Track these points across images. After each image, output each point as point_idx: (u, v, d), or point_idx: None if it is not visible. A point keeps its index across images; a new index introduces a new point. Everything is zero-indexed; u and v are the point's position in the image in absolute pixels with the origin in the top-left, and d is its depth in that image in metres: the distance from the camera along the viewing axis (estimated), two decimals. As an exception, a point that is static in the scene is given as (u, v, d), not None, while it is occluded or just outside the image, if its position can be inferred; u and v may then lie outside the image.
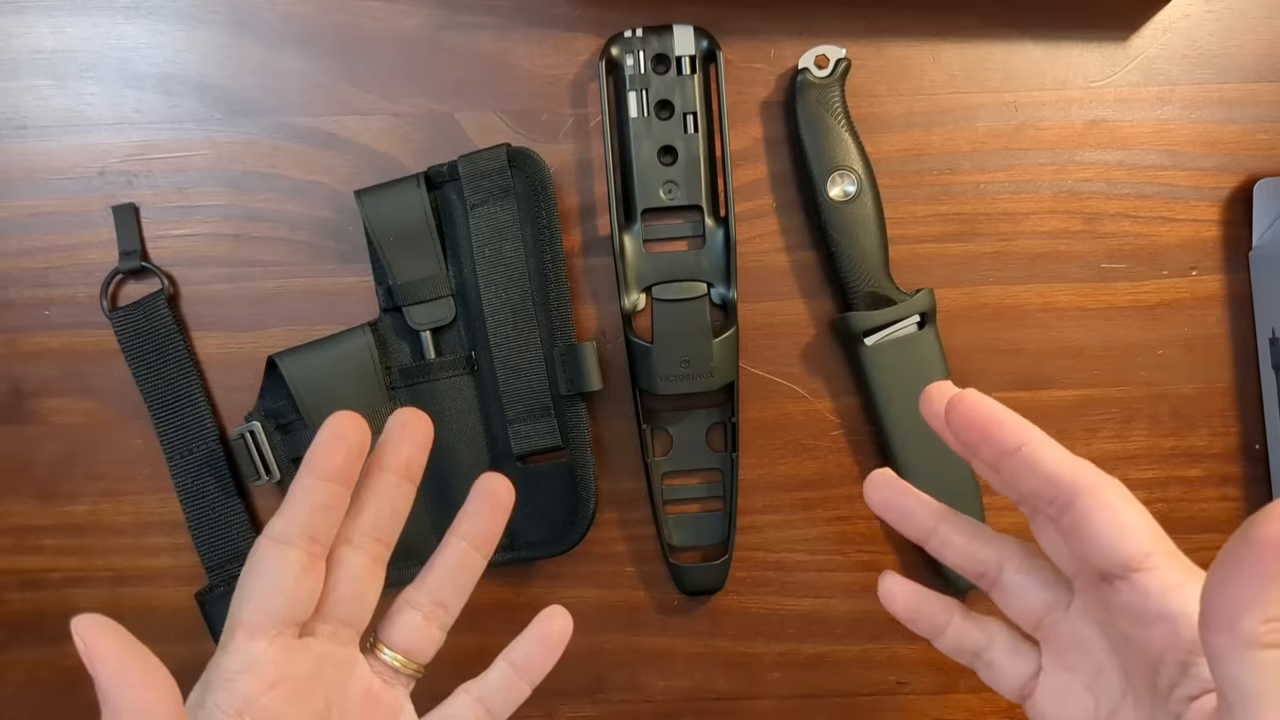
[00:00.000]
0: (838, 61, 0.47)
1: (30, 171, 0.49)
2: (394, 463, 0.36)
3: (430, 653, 0.38)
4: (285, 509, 0.34)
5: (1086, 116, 0.49)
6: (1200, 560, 0.49)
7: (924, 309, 0.47)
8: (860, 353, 0.48)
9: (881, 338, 0.47)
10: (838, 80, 0.47)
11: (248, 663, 0.33)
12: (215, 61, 0.49)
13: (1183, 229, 0.49)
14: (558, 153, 0.49)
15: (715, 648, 0.50)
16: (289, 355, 0.47)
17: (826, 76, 0.47)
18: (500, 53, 0.49)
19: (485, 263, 0.47)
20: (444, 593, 0.38)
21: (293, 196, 0.49)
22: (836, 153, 0.47)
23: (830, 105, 0.47)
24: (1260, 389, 0.49)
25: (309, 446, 0.34)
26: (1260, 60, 0.49)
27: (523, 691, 0.38)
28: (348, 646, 0.36)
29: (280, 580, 0.33)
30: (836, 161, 0.47)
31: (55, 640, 0.50)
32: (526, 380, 0.47)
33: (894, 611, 0.37)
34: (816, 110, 0.47)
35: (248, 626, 0.33)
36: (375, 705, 0.36)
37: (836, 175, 0.47)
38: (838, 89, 0.47)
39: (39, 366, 0.50)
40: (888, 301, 0.47)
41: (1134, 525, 0.29)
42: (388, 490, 0.36)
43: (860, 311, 0.47)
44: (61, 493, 0.50)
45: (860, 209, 0.47)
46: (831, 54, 0.47)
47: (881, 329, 0.47)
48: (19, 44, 0.49)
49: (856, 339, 0.47)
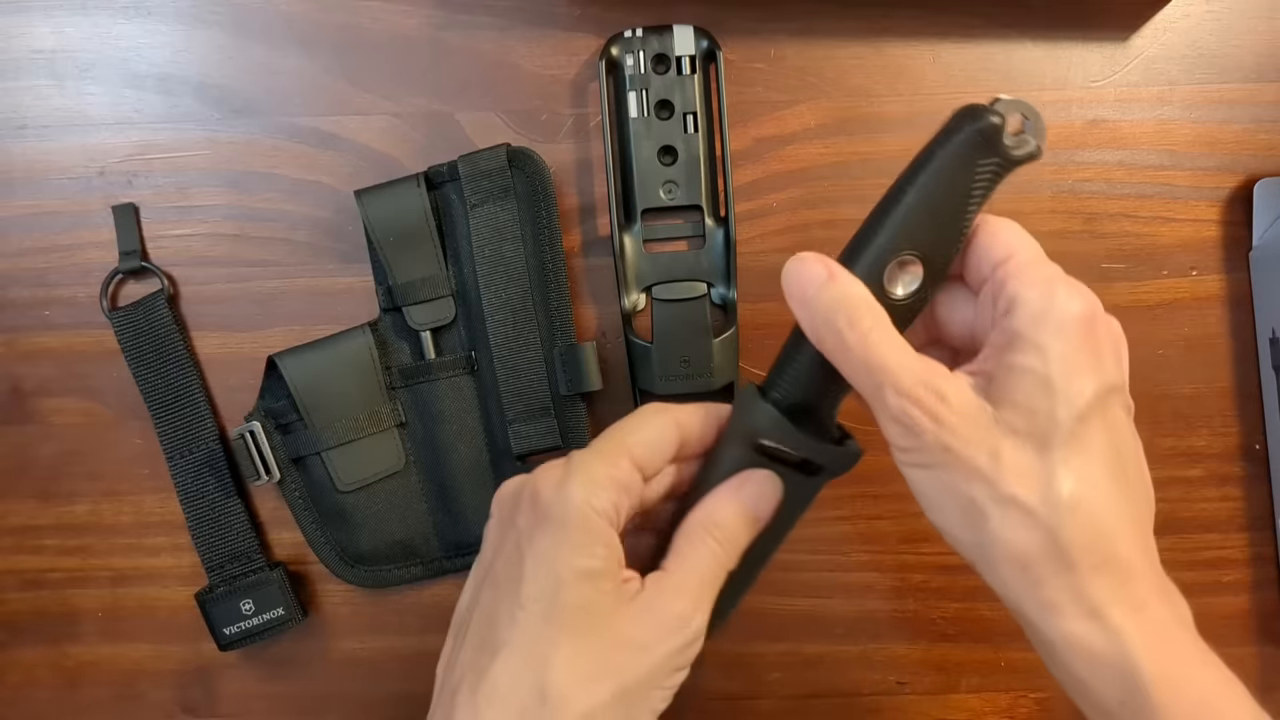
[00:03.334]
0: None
1: (30, 171, 0.49)
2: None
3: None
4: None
5: (1086, 116, 0.49)
6: (1201, 560, 0.49)
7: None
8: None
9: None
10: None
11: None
12: (215, 61, 0.49)
13: (1183, 229, 0.49)
14: (558, 153, 0.49)
15: (715, 648, 0.50)
16: (289, 355, 0.47)
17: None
18: (500, 53, 0.49)
19: (485, 263, 0.47)
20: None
21: (293, 196, 0.49)
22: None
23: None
24: (1260, 389, 0.49)
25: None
26: (1260, 60, 0.49)
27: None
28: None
29: (664, 442, 0.34)
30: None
31: (55, 640, 0.50)
32: (526, 380, 0.47)
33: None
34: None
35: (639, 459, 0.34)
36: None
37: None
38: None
39: (39, 366, 0.50)
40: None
41: (1003, 231, 0.33)
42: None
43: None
44: (61, 493, 0.50)
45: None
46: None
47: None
48: (19, 44, 0.49)
49: None
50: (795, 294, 0.32)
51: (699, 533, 0.34)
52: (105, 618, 0.50)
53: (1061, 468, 0.30)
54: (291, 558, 0.50)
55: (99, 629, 0.50)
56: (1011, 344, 0.31)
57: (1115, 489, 0.31)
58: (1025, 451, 0.30)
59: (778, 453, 0.35)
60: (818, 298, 0.32)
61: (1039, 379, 0.30)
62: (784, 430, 0.34)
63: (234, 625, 0.48)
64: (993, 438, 0.31)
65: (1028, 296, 0.31)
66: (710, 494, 0.34)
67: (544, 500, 0.32)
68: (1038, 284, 0.31)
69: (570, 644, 0.30)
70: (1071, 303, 0.31)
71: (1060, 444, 0.30)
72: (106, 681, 0.50)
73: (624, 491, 0.33)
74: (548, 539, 0.31)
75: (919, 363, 0.31)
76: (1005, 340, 0.31)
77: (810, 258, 0.32)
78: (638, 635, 0.31)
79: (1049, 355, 0.30)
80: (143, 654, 0.50)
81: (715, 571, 0.34)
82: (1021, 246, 0.33)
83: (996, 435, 0.31)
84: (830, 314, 0.32)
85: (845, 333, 0.31)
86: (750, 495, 0.34)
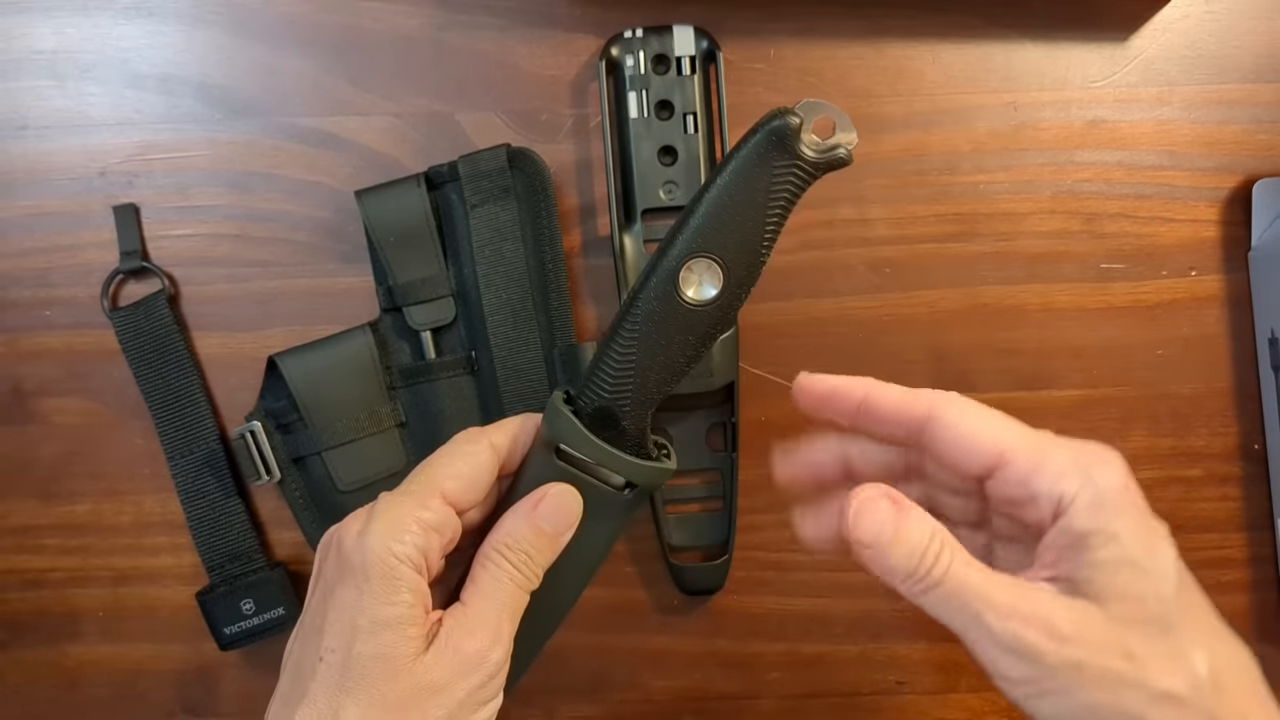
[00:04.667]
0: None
1: (31, 172, 0.49)
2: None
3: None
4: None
5: (1086, 117, 0.49)
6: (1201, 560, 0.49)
7: None
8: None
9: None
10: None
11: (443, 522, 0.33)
12: (216, 62, 0.49)
13: (1182, 229, 0.49)
14: (558, 153, 0.49)
15: (715, 648, 0.50)
16: (289, 355, 0.47)
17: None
18: (500, 53, 0.49)
19: (485, 263, 0.47)
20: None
21: (293, 196, 0.49)
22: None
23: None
24: (1259, 389, 0.49)
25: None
26: (1259, 60, 0.49)
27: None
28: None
29: (479, 471, 0.34)
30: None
31: (55, 640, 0.50)
32: (526, 380, 0.48)
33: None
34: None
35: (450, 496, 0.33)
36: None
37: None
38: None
39: (40, 366, 0.50)
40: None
41: (978, 432, 0.31)
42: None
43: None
44: (62, 492, 0.50)
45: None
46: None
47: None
48: (20, 44, 0.49)
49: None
50: (868, 540, 0.31)
51: (494, 557, 0.33)
52: (106, 617, 0.50)
53: (1190, 646, 0.29)
54: (292, 558, 0.50)
55: (100, 629, 0.50)
56: (1082, 542, 0.30)
57: (1230, 646, 0.30)
58: (1155, 641, 0.29)
59: (582, 464, 0.34)
60: (894, 544, 0.31)
61: (1129, 564, 0.29)
62: (582, 439, 0.33)
63: (234, 625, 0.48)
64: (1119, 638, 0.29)
65: (1070, 490, 0.30)
66: (505, 515, 0.34)
67: (345, 549, 0.32)
68: (1070, 472, 0.30)
69: (364, 694, 0.30)
70: (1109, 475, 0.30)
71: (1179, 620, 0.29)
72: (107, 681, 0.50)
73: (433, 532, 0.32)
74: (348, 589, 0.31)
75: (1012, 584, 0.30)
76: (1071, 540, 0.30)
77: (874, 498, 0.31)
78: (435, 678, 0.31)
79: (1124, 540, 0.29)
80: (143, 654, 0.50)
81: (515, 596, 0.33)
82: (1004, 435, 0.31)
83: (1120, 634, 0.29)
84: (910, 558, 0.30)
85: (933, 571, 0.30)
86: (546, 512, 0.33)
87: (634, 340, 0.33)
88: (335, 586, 0.31)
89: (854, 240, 0.49)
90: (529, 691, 0.50)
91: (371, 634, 0.30)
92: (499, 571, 0.33)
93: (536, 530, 0.33)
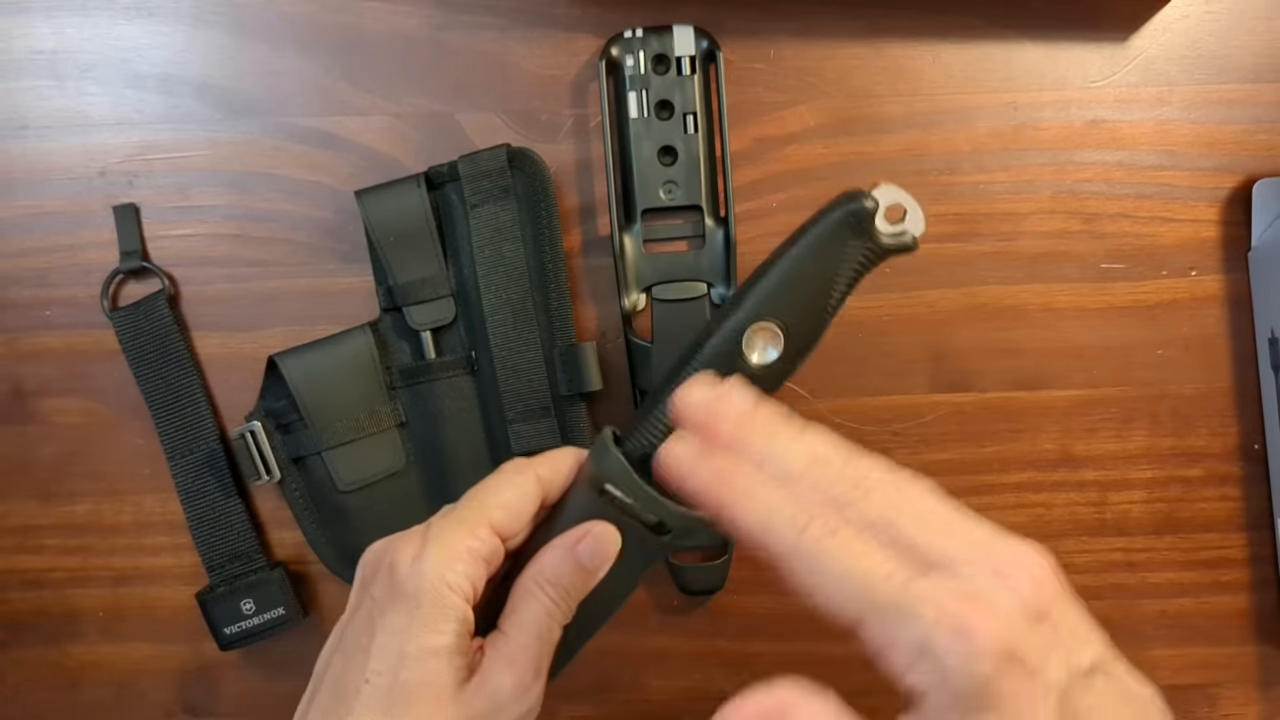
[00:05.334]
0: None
1: (31, 172, 0.49)
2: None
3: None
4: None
5: (1086, 117, 0.49)
6: (1201, 560, 0.49)
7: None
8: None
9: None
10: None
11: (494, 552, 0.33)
12: (216, 62, 0.49)
13: (1182, 229, 0.49)
14: (558, 153, 0.49)
15: (715, 648, 0.50)
16: (289, 355, 0.47)
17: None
18: (500, 53, 0.49)
19: (485, 263, 0.47)
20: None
21: (293, 196, 0.49)
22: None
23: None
24: (1259, 389, 0.49)
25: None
26: (1259, 61, 0.49)
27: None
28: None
29: (525, 502, 0.35)
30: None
31: (55, 640, 0.50)
32: (526, 380, 0.48)
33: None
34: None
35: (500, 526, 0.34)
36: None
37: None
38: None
39: (40, 366, 0.50)
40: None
41: (834, 585, 0.27)
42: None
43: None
44: (62, 493, 0.50)
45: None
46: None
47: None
48: (20, 44, 0.49)
49: None
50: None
51: (535, 591, 0.34)
52: (106, 617, 0.50)
53: None
54: (292, 558, 0.50)
55: (100, 629, 0.50)
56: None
57: None
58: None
59: (624, 505, 0.34)
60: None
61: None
62: (629, 482, 0.34)
63: (235, 625, 0.48)
64: None
65: (919, 684, 0.26)
66: (545, 548, 0.34)
67: (399, 574, 0.32)
68: (920, 659, 0.26)
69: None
70: (971, 659, 0.25)
71: None
72: (107, 681, 0.50)
73: (482, 562, 0.33)
74: (399, 615, 0.31)
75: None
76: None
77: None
78: (477, 709, 0.31)
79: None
80: (144, 654, 0.50)
81: (551, 629, 0.34)
82: (860, 594, 0.27)
83: None
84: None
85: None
86: (588, 550, 0.34)
87: None
88: (386, 609, 0.32)
89: (854, 240, 0.49)
90: (529, 691, 0.50)
91: (419, 661, 0.31)
92: (538, 605, 0.33)
93: (576, 566, 0.34)
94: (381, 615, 0.32)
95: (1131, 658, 0.29)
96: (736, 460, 0.29)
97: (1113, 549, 0.50)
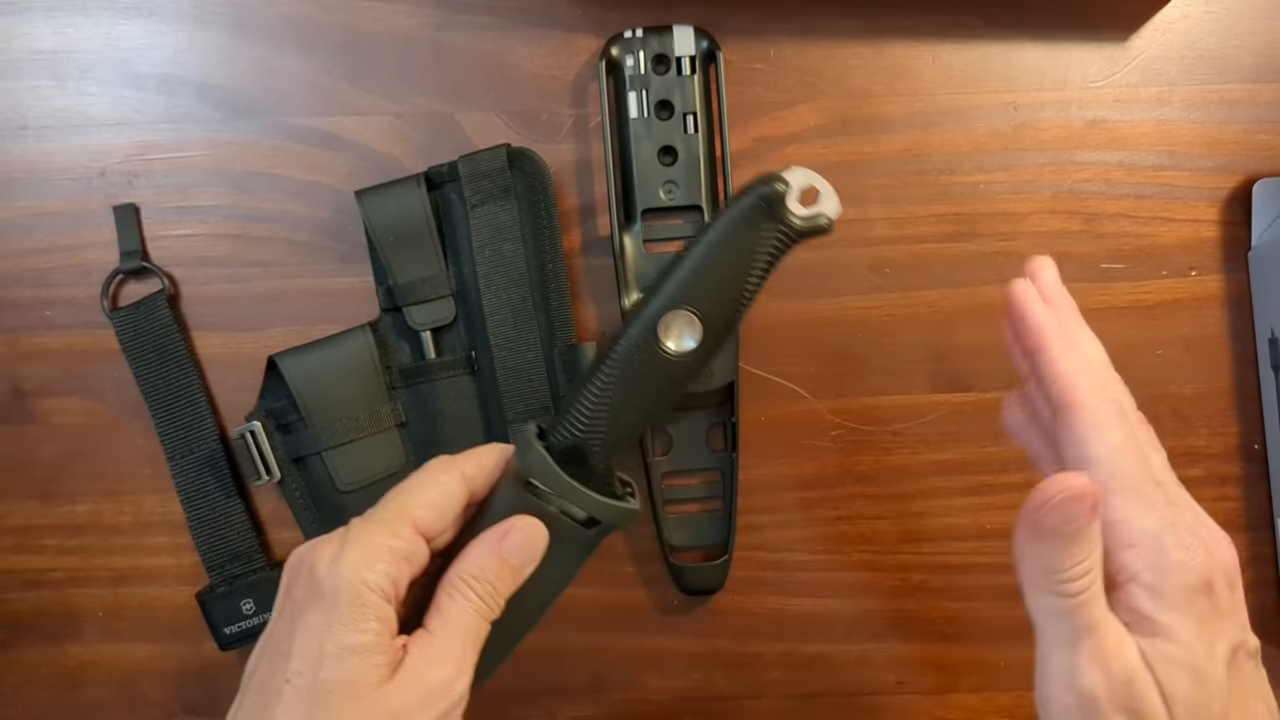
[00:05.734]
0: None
1: (31, 172, 0.49)
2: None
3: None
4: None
5: (1086, 117, 0.49)
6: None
7: None
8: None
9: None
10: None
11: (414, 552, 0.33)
12: (216, 62, 0.49)
13: (1182, 229, 0.49)
14: (558, 153, 0.49)
15: (715, 648, 0.50)
16: (289, 355, 0.47)
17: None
18: (500, 53, 0.49)
19: (485, 263, 0.47)
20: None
21: (293, 196, 0.49)
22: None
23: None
24: (1259, 389, 0.49)
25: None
26: (1259, 60, 0.49)
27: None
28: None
29: (449, 500, 0.35)
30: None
31: (55, 640, 0.50)
32: (526, 380, 0.48)
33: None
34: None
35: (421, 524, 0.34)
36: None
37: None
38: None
39: (40, 366, 0.50)
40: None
41: (1093, 457, 0.32)
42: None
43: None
44: (62, 493, 0.50)
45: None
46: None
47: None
48: (20, 44, 0.49)
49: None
50: (1049, 527, 0.31)
51: (460, 587, 0.33)
52: (106, 617, 0.50)
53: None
54: (292, 557, 0.50)
55: (100, 629, 0.50)
56: (1144, 622, 0.30)
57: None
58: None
59: (550, 499, 0.35)
60: (1070, 545, 0.31)
61: (1189, 669, 0.30)
62: (552, 475, 0.34)
63: (235, 625, 0.48)
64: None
65: (1132, 566, 0.31)
66: (471, 544, 0.34)
67: (318, 575, 0.32)
68: (1143, 546, 0.31)
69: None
70: (1182, 568, 0.30)
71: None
72: (107, 681, 0.50)
73: (403, 561, 0.33)
74: (317, 614, 0.31)
75: (1119, 635, 0.31)
76: (1132, 617, 0.31)
77: (1079, 496, 0.30)
78: (398, 706, 0.31)
79: (1181, 639, 0.30)
80: (143, 654, 0.50)
81: (477, 625, 0.33)
82: (1116, 467, 0.32)
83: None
84: (1071, 564, 0.31)
85: (1078, 594, 0.31)
86: (512, 545, 0.34)
87: (611, 384, 0.34)
88: (305, 610, 0.32)
89: (854, 240, 0.49)
90: (529, 692, 0.50)
91: (338, 660, 0.31)
92: (464, 602, 0.33)
93: (502, 562, 0.34)
94: (301, 616, 0.32)
95: (1131, 657, 0.29)
96: (1068, 320, 0.35)
97: (1113, 549, 0.50)
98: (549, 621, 0.44)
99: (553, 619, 0.51)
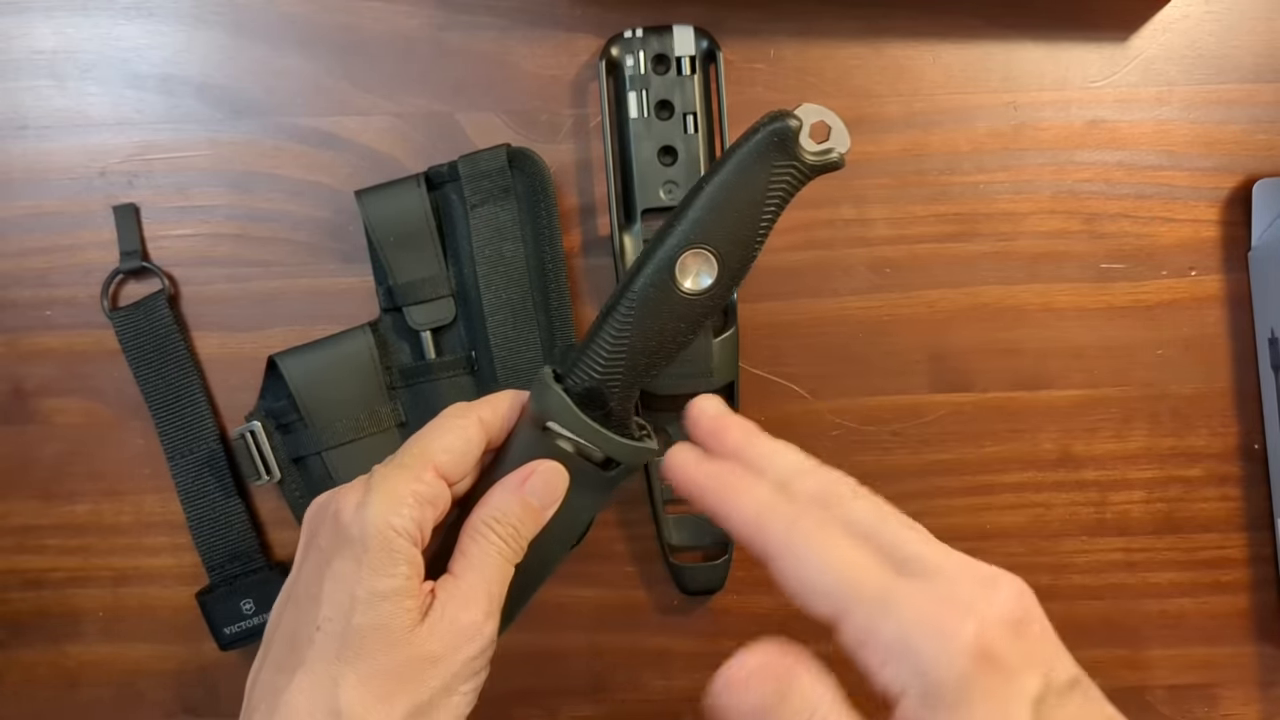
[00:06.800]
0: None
1: (31, 171, 0.49)
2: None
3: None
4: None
5: (1086, 117, 0.49)
6: (1201, 560, 0.49)
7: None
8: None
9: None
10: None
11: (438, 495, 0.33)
12: (216, 62, 0.49)
13: (1182, 229, 0.49)
14: (558, 153, 0.49)
15: (715, 648, 0.50)
16: (289, 355, 0.47)
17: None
18: (500, 53, 0.49)
19: (485, 263, 0.47)
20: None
21: (293, 196, 0.49)
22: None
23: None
24: (1259, 389, 0.49)
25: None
26: (1259, 60, 0.49)
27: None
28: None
29: (468, 445, 0.35)
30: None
31: (55, 640, 0.50)
32: (526, 380, 0.47)
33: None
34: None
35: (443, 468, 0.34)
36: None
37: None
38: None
39: (40, 366, 0.50)
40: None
41: (816, 579, 0.29)
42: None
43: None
44: (62, 493, 0.50)
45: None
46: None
47: None
48: (20, 44, 0.49)
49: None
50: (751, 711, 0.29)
51: (484, 530, 0.34)
52: (106, 617, 0.50)
53: None
54: (292, 557, 0.50)
55: (100, 629, 0.50)
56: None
57: None
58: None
59: (568, 440, 0.35)
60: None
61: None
62: (571, 417, 0.34)
63: (235, 625, 0.48)
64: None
65: (895, 681, 0.26)
66: (493, 488, 0.34)
67: (344, 521, 0.32)
68: (898, 655, 0.26)
69: (364, 664, 0.31)
70: (949, 656, 0.25)
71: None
72: (107, 681, 0.50)
73: (428, 505, 0.33)
74: (346, 561, 0.31)
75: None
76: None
77: (761, 668, 0.29)
78: (431, 649, 0.31)
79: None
80: (143, 654, 0.50)
81: (502, 568, 0.34)
82: (843, 587, 0.28)
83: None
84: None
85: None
86: (535, 488, 0.34)
87: (628, 325, 0.34)
88: (332, 557, 0.32)
89: (854, 240, 0.49)
90: (529, 692, 0.50)
91: (370, 605, 0.31)
92: (488, 545, 0.33)
93: (524, 505, 0.34)
94: (329, 563, 0.32)
95: (1131, 658, 0.29)
96: (734, 464, 0.32)
97: (1113, 549, 0.50)
98: (549, 622, 0.44)
99: (553, 619, 0.51)
